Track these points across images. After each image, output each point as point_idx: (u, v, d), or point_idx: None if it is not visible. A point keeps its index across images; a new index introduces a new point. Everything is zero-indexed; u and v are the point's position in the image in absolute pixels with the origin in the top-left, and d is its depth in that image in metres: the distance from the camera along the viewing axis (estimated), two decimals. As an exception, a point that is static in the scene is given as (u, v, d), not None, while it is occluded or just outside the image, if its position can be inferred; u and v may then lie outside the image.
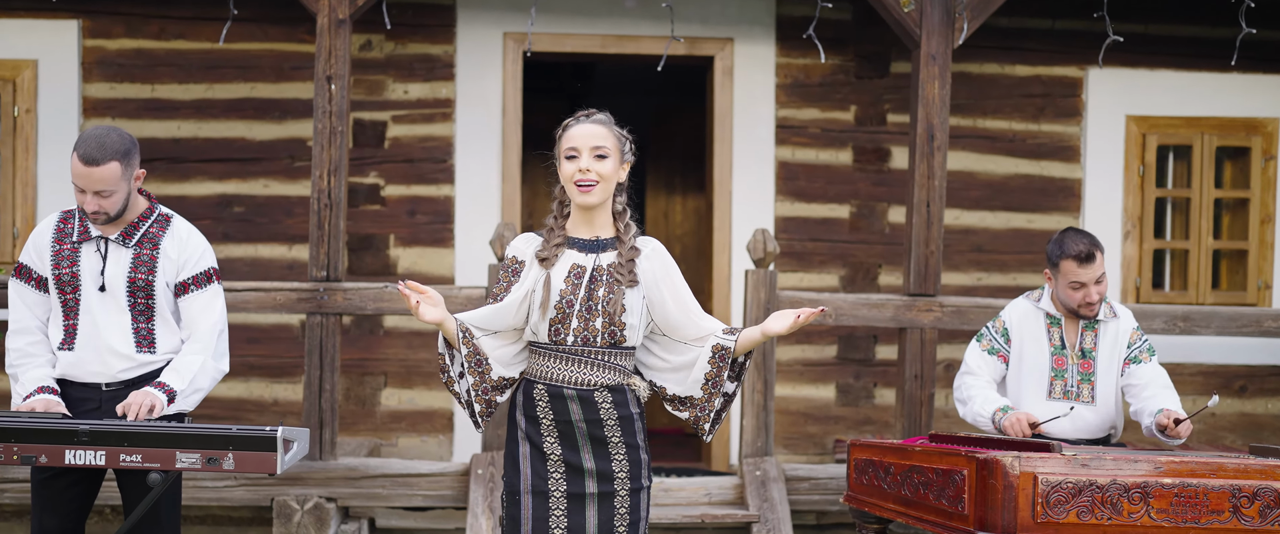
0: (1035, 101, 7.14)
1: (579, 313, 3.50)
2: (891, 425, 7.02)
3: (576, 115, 3.58)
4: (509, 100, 6.92)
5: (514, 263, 3.61)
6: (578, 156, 3.49)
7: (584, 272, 3.52)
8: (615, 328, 3.49)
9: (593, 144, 3.49)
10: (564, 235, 3.60)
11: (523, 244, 3.64)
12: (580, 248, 3.57)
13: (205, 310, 4.12)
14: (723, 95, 7.05)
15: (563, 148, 3.53)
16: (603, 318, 3.49)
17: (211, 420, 6.73)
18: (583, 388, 3.52)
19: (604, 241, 3.58)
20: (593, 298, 3.50)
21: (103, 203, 3.91)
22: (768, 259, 5.87)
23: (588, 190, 3.48)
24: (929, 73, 5.91)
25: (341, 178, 5.72)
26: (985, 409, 4.67)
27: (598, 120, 3.55)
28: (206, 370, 4.09)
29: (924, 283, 5.92)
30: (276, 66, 6.83)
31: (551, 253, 3.57)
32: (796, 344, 7.03)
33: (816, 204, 7.07)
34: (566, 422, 3.54)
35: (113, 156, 3.88)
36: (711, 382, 3.61)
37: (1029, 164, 7.15)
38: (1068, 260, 4.59)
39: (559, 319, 3.51)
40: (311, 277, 5.74)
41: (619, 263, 3.54)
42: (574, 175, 3.48)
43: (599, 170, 3.48)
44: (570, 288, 3.51)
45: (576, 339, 3.50)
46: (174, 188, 6.81)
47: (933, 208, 5.92)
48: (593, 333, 3.50)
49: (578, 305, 3.50)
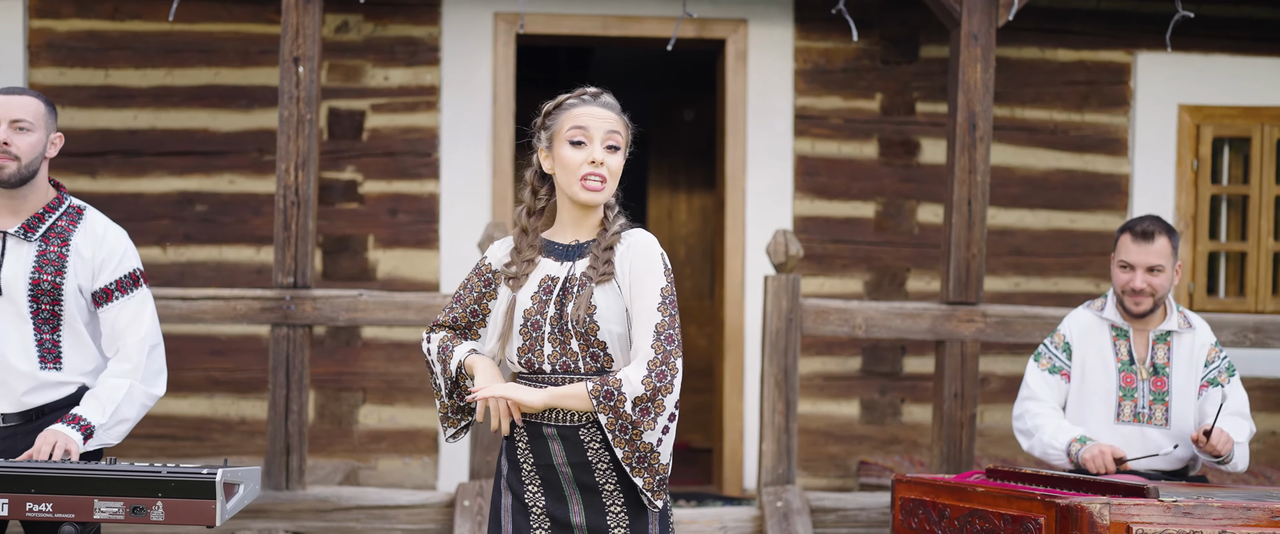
0: (1079, 89, 6.55)
1: (551, 335, 2.86)
2: (920, 445, 6.40)
3: (579, 93, 2.95)
4: (500, 87, 6.29)
5: (488, 271, 3.01)
6: (587, 143, 2.86)
7: (556, 284, 2.89)
8: (596, 349, 2.85)
9: (607, 129, 2.87)
10: (538, 246, 2.96)
11: (501, 252, 3.03)
12: (557, 255, 2.94)
13: (133, 322, 3.49)
14: (735, 82, 6.42)
15: (564, 128, 2.89)
16: (578, 340, 2.85)
17: (171, 442, 6.10)
18: (565, 424, 2.88)
19: (584, 245, 2.94)
20: (564, 315, 2.86)
21: (16, 140, 3.35)
22: (790, 263, 5.23)
23: (597, 189, 2.86)
24: (970, 55, 5.27)
25: (311, 172, 5.08)
26: (1057, 440, 4.06)
27: (609, 104, 2.93)
28: (134, 397, 3.45)
29: (964, 290, 5.28)
30: (242, 50, 6.21)
31: (522, 271, 2.94)
32: (817, 356, 6.41)
33: (838, 202, 6.46)
34: (548, 466, 2.90)
35: (35, 96, 3.43)
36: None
37: (1072, 158, 6.55)
38: (1125, 233, 4.09)
39: (528, 346, 2.89)
40: (277, 283, 5.10)
41: (592, 256, 2.89)
42: (583, 168, 2.85)
43: (611, 165, 2.87)
44: (537, 305, 2.88)
45: (554, 367, 2.88)
46: (129, 184, 6.20)
47: (974, 206, 5.29)
48: (571, 358, 2.86)
49: (547, 326, 2.87)
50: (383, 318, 5.14)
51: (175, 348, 6.10)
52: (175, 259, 6.21)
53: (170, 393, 6.15)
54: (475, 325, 3.01)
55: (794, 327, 5.23)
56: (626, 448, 2.79)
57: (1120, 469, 3.95)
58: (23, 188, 3.41)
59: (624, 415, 2.77)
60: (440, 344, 3.00)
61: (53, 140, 3.48)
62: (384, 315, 5.13)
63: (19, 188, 3.40)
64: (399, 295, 5.12)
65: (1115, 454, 3.94)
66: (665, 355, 2.79)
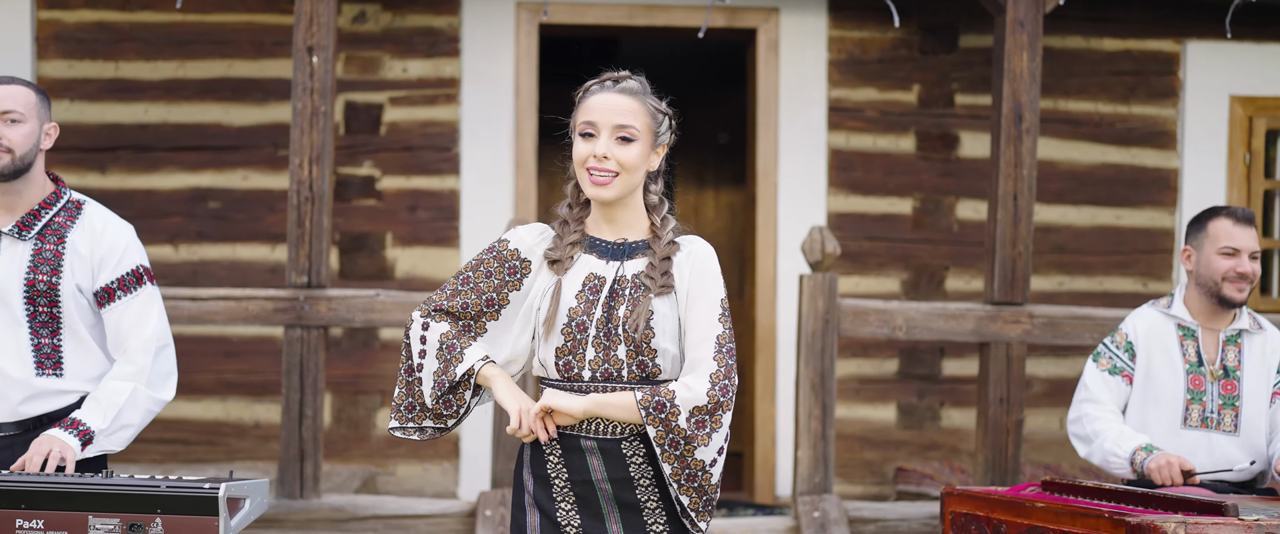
0: (1125, 80, 6.29)
1: (595, 339, 2.64)
2: (961, 451, 6.15)
3: (600, 78, 2.72)
4: (522, 79, 6.06)
5: (515, 257, 2.74)
6: (595, 136, 2.64)
7: (603, 283, 2.68)
8: (645, 357, 2.63)
9: (617, 121, 2.63)
10: (582, 233, 2.75)
11: (531, 238, 2.77)
12: (601, 252, 2.72)
13: (138, 322, 3.28)
14: (767, 74, 6.18)
15: (577, 121, 2.68)
16: (627, 344, 2.63)
17: (183, 447, 5.91)
18: (606, 437, 2.66)
19: (634, 245, 2.72)
20: (613, 319, 2.64)
21: (7, 132, 3.15)
22: (827, 261, 4.98)
23: (603, 183, 2.64)
24: (1016, 42, 5.03)
25: (325, 167, 4.87)
26: (1120, 447, 3.81)
27: (627, 89, 2.68)
28: (138, 401, 3.25)
29: (1010, 290, 5.03)
30: (256, 41, 6.01)
31: (565, 254, 2.70)
32: (852, 358, 6.16)
33: (874, 197, 6.22)
34: (585, 482, 2.68)
35: (25, 85, 3.22)
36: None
37: (1118, 152, 6.30)
38: (1221, 218, 3.85)
39: (569, 348, 2.66)
40: (290, 283, 4.89)
41: (650, 265, 2.68)
42: (587, 161, 2.64)
43: (621, 158, 2.63)
44: (584, 305, 2.66)
45: (595, 374, 2.65)
46: (140, 180, 6.02)
47: (1021, 201, 5.04)
48: (615, 365, 2.64)
49: (593, 329, 2.64)
50: (401, 319, 4.91)
51: (187, 349, 5.91)
52: (187, 258, 6.01)
53: (182, 396, 5.93)
54: (485, 318, 2.73)
55: (831, 328, 4.99)
56: (676, 464, 2.58)
57: (1188, 483, 3.69)
58: (16, 181, 3.21)
59: (676, 429, 2.56)
60: (443, 339, 2.71)
61: (47, 131, 3.27)
62: (402, 316, 4.90)
63: (12, 181, 3.20)
64: (418, 295, 4.91)
65: (1184, 466, 3.69)
66: (727, 369, 2.60)
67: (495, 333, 2.74)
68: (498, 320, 2.73)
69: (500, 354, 2.75)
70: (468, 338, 2.73)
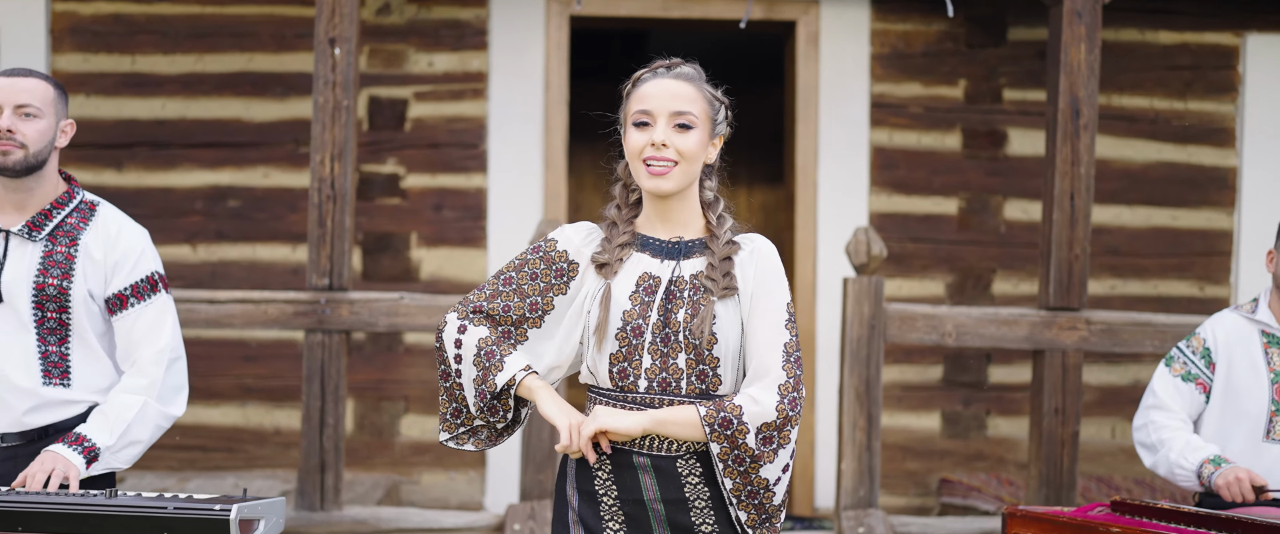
0: (1182, 74, 6.02)
1: (652, 345, 2.44)
2: (1008, 462, 5.90)
3: (653, 66, 2.51)
4: (552, 74, 5.83)
5: (562, 259, 2.54)
6: (651, 124, 2.44)
7: (659, 285, 2.47)
8: (706, 366, 2.42)
9: (674, 108, 2.43)
10: (632, 232, 2.53)
11: (578, 238, 2.57)
12: (655, 251, 2.51)
13: (150, 332, 3.08)
14: (807, 68, 5.93)
15: (630, 110, 2.48)
16: (687, 352, 2.42)
17: (202, 454, 5.72)
18: (660, 454, 2.45)
19: (690, 244, 2.51)
20: (670, 323, 2.43)
21: (22, 127, 2.96)
22: (872, 264, 4.74)
23: (662, 173, 2.43)
24: (1073, 34, 4.78)
25: (347, 164, 4.65)
26: (1187, 459, 3.55)
27: (683, 75, 2.48)
28: (148, 416, 3.05)
29: (1066, 294, 4.78)
30: (277, 33, 5.80)
31: (614, 257, 2.50)
32: (894, 364, 5.91)
33: (919, 197, 5.97)
34: (636, 501, 2.47)
35: (43, 79, 3.03)
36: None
37: (1174, 149, 6.03)
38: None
39: (624, 354, 2.45)
40: (311, 285, 4.68)
41: (709, 265, 2.47)
42: (644, 151, 2.43)
43: (681, 146, 2.42)
44: (639, 308, 2.45)
45: (651, 383, 2.44)
46: (157, 177, 5.82)
47: (1078, 201, 4.79)
48: (674, 374, 2.43)
49: (650, 334, 2.44)
50: (426, 323, 4.70)
51: (205, 353, 5.74)
52: (206, 258, 5.81)
53: (200, 401, 5.75)
54: (527, 324, 2.53)
55: (877, 334, 4.74)
56: (738, 480, 2.39)
57: (1260, 500, 3.43)
58: (29, 179, 3.01)
59: (743, 447, 2.37)
60: (481, 344, 2.51)
61: (63, 128, 3.07)
62: (428, 320, 4.69)
63: (24, 178, 3.00)
64: (444, 298, 4.70)
65: (1255, 481, 3.43)
66: (796, 380, 2.41)
67: (536, 340, 2.55)
68: (540, 328, 2.54)
69: (542, 363, 2.55)
70: (508, 345, 2.53)
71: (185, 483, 5.52)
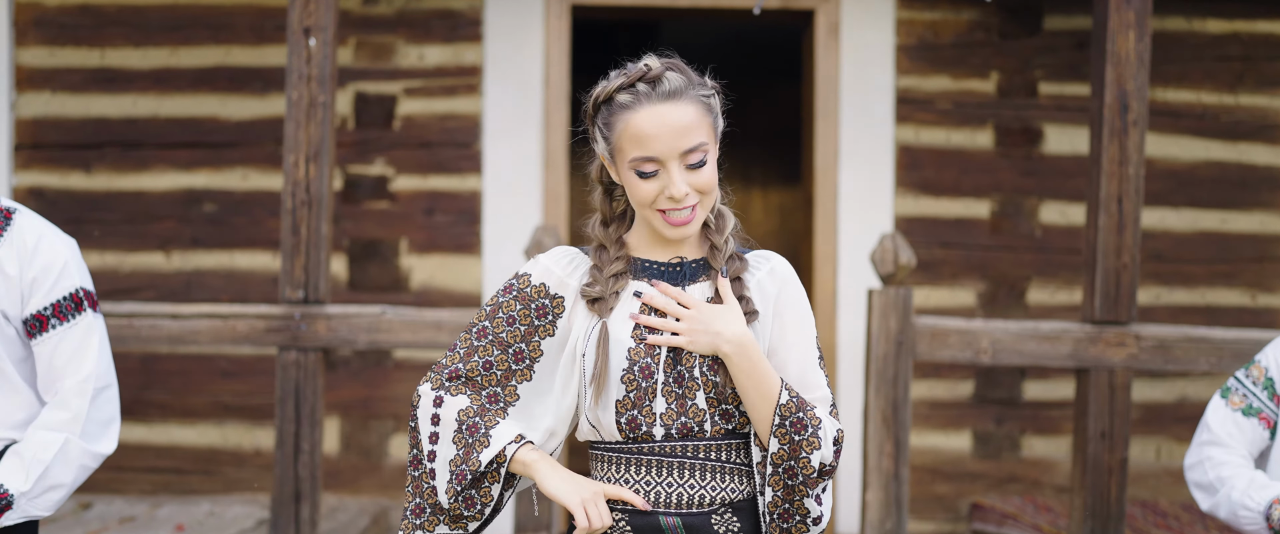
0: (1232, 66, 5.59)
1: (666, 387, 2.05)
2: (1043, 485, 5.48)
3: (629, 82, 2.05)
4: (553, 67, 5.42)
5: (541, 295, 2.13)
6: (659, 172, 2.03)
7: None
8: (729, 405, 2.06)
9: (684, 146, 2.03)
10: (626, 257, 2.13)
11: (558, 267, 2.16)
12: (653, 276, 2.13)
13: (74, 358, 2.68)
14: (826, 60, 5.51)
15: (624, 148, 2.05)
16: (707, 390, 2.05)
17: (176, 477, 5.34)
18: (692, 512, 2.07)
19: (693, 266, 2.14)
20: (683, 359, 2.05)
21: None
22: (900, 274, 4.31)
23: (686, 221, 2.06)
24: (1121, 21, 4.33)
25: (324, 165, 4.25)
26: (1252, 499, 3.14)
27: (675, 92, 2.04)
28: (70, 456, 2.64)
29: (1114, 307, 4.34)
30: (255, 25, 5.41)
31: (608, 289, 2.10)
32: (922, 379, 5.49)
33: (947, 199, 5.54)
34: None
35: None
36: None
37: (1222, 147, 5.60)
38: None
39: (633, 401, 2.05)
40: (284, 298, 4.26)
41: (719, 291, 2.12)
42: (659, 203, 2.05)
43: (699, 185, 2.05)
44: (646, 345, 2.06)
45: (669, 430, 2.05)
46: (128, 180, 5.43)
47: (1126, 205, 4.35)
48: (695, 416, 2.06)
49: (661, 374, 2.04)
50: (411, 339, 4.29)
51: (179, 368, 5.35)
52: (180, 267, 5.41)
53: (174, 420, 5.37)
54: (516, 378, 2.12)
55: (905, 351, 4.31)
56: (781, 493, 2.06)
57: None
58: None
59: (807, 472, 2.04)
60: (462, 417, 2.10)
61: None
62: (412, 337, 4.28)
63: None
64: (430, 312, 4.28)
65: (1324, 523, 3.01)
66: (841, 434, 2.11)
67: (530, 397, 2.14)
68: (531, 380, 2.13)
69: (540, 425, 2.14)
70: (495, 410, 2.12)
71: (157, 509, 5.13)
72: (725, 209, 2.17)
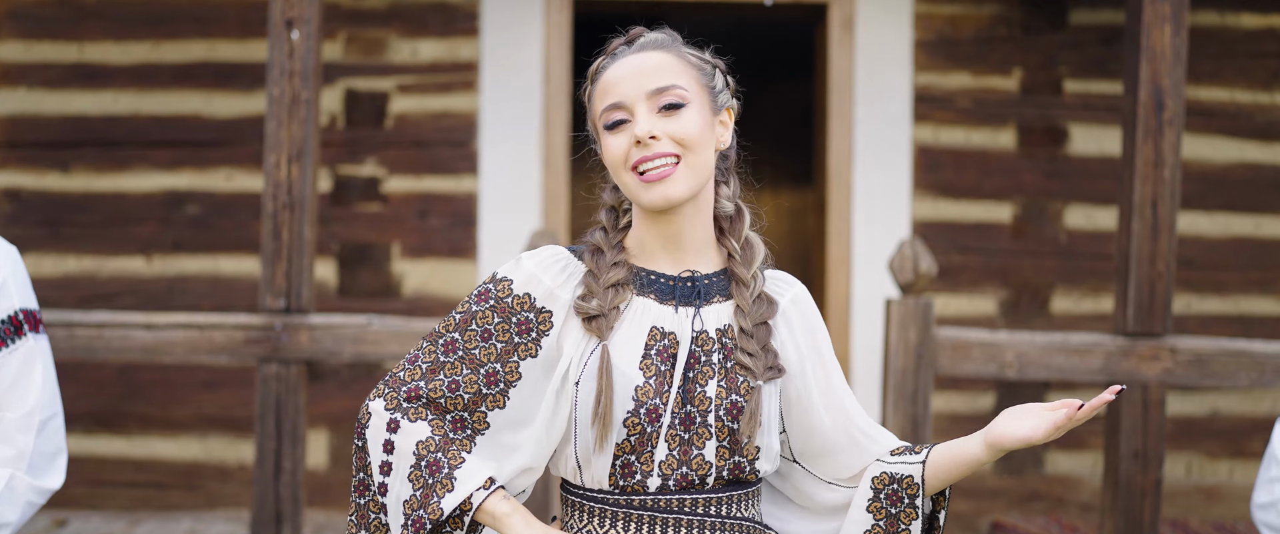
0: (1267, 63, 5.38)
1: (671, 431, 1.75)
2: (1068, 503, 5.24)
3: (608, 47, 1.84)
4: (553, 63, 5.18)
5: (525, 307, 1.81)
6: (628, 120, 1.76)
7: (676, 345, 1.78)
8: (743, 457, 1.77)
9: (652, 85, 1.75)
10: (627, 266, 1.83)
11: (547, 275, 1.83)
12: (661, 294, 1.82)
13: (15, 387, 2.43)
14: (841, 57, 5.26)
15: (598, 112, 1.79)
16: (719, 440, 1.75)
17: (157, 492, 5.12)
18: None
19: (708, 282, 1.83)
20: (695, 399, 1.76)
21: None
22: (920, 283, 4.05)
23: (663, 174, 1.74)
24: (1156, 13, 4.07)
25: (308, 166, 4.00)
26: None
27: (651, 43, 1.80)
28: (16, 493, 2.40)
29: (1148, 318, 4.08)
30: (241, 18, 5.19)
31: (608, 303, 1.79)
32: (940, 391, 5.24)
33: (968, 202, 5.32)
34: None
35: None
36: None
37: (1257, 148, 5.38)
38: None
39: (633, 445, 1.75)
40: (265, 307, 4.01)
41: (742, 330, 1.80)
42: (629, 156, 1.75)
43: (677, 132, 1.74)
44: (655, 381, 1.75)
45: (667, 481, 1.76)
46: (108, 181, 5.23)
47: (1161, 209, 4.09)
48: (699, 469, 1.76)
49: (668, 415, 1.75)
50: (399, 351, 4.03)
51: (161, 378, 5.11)
52: (162, 272, 5.18)
53: (155, 433, 5.13)
54: (487, 405, 1.79)
55: (925, 365, 4.05)
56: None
57: None
58: None
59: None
60: (420, 450, 1.78)
61: None
62: (400, 349, 4.02)
63: None
64: (419, 322, 4.03)
65: None
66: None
67: (501, 426, 1.80)
68: (504, 408, 1.80)
69: (513, 461, 1.81)
70: (461, 440, 1.80)
71: (135, 526, 4.89)
72: (754, 237, 1.87)
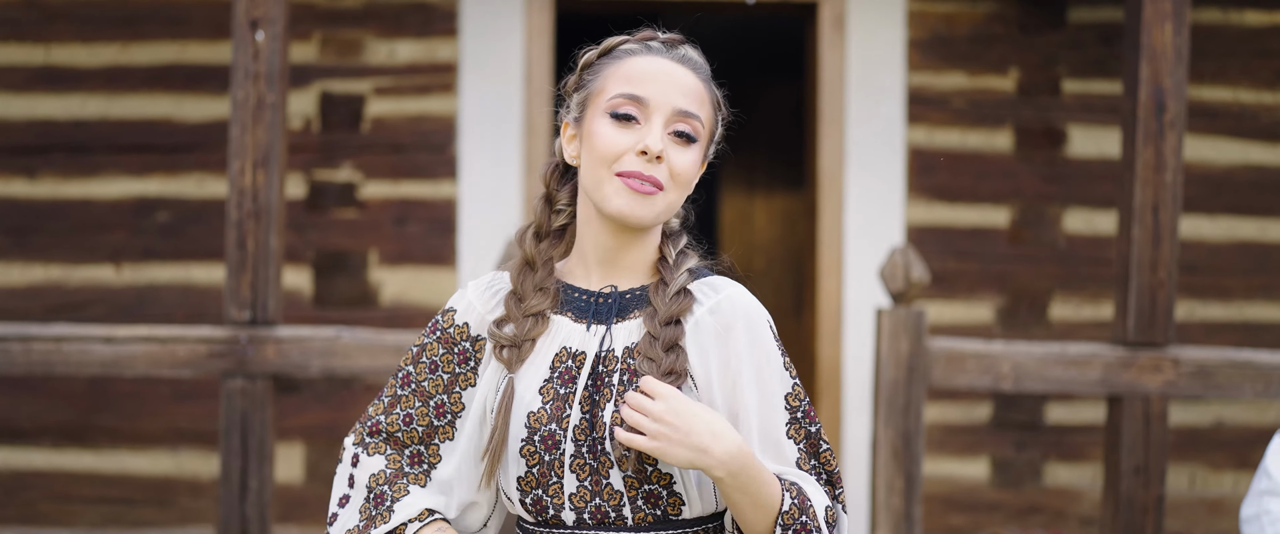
0: (1272, 62, 5.27)
1: (577, 460, 1.64)
2: (1067, 516, 5.16)
3: (642, 34, 1.72)
4: (535, 64, 5.06)
5: (463, 336, 1.74)
6: (641, 121, 1.64)
7: (581, 366, 1.67)
8: (656, 486, 1.63)
9: (680, 105, 1.66)
10: (553, 290, 1.72)
11: (480, 301, 1.77)
12: (578, 311, 1.71)
13: None
14: (832, 57, 5.14)
15: (607, 89, 1.66)
16: (623, 468, 1.63)
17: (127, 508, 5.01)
18: None
19: (627, 297, 1.71)
20: (598, 425, 1.63)
21: None
22: (912, 292, 3.91)
23: (645, 193, 1.63)
24: (1156, 10, 3.94)
25: (273, 172, 3.87)
26: None
27: (691, 62, 1.71)
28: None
29: (1149, 327, 3.94)
30: (212, 20, 5.07)
31: (524, 332, 1.70)
32: (935, 402, 5.12)
33: (963, 206, 5.23)
34: None
35: None
36: None
37: (1262, 149, 5.29)
38: None
39: (537, 478, 1.65)
40: (230, 319, 3.87)
41: (648, 335, 1.66)
42: (623, 158, 1.64)
43: (676, 166, 1.65)
44: (552, 406, 1.65)
45: (581, 515, 1.65)
46: (75, 187, 5.13)
47: (1162, 214, 3.95)
48: (611, 500, 1.64)
49: (569, 445, 1.64)
50: (369, 365, 3.89)
51: (131, 390, 4.97)
52: (132, 281, 5.06)
53: (125, 446, 5.00)
54: (438, 436, 1.74)
55: (918, 377, 3.90)
56: None
57: None
58: None
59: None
60: (372, 483, 1.74)
61: None
62: (370, 362, 3.88)
63: None
64: (391, 334, 3.90)
65: None
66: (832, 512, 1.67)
67: (450, 460, 1.75)
68: (453, 439, 1.74)
69: (457, 496, 1.74)
70: (415, 475, 1.75)
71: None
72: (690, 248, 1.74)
